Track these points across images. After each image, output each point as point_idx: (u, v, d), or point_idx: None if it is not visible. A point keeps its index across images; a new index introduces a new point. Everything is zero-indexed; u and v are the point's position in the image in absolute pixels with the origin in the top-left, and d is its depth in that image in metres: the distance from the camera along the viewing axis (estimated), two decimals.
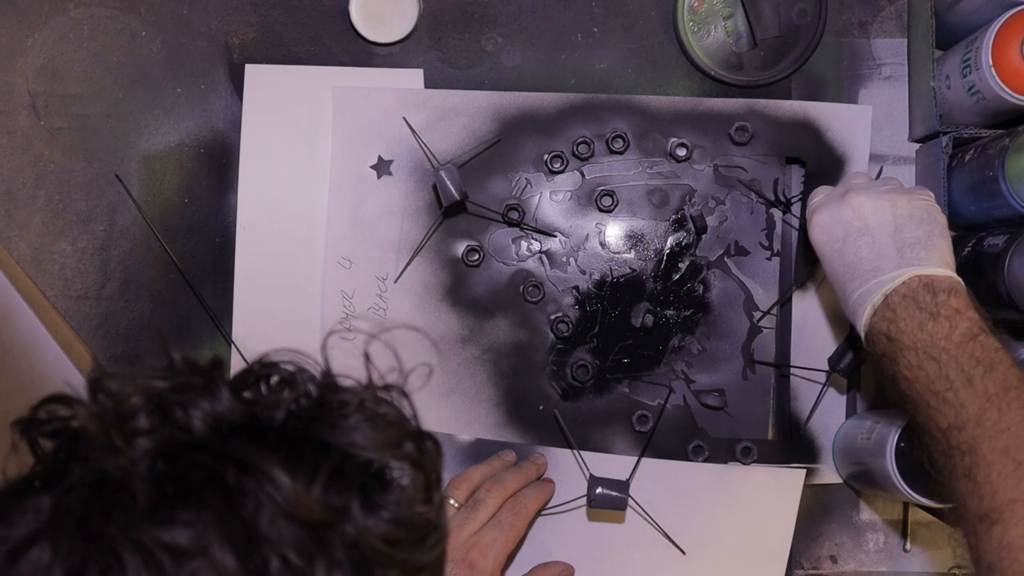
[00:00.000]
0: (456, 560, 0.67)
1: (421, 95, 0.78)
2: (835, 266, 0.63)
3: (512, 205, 0.77)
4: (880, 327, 0.59)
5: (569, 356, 0.78)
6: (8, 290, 0.76)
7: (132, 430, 0.38)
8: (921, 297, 0.58)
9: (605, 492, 0.72)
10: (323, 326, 0.77)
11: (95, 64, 0.78)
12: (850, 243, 0.61)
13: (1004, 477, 0.52)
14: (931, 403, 0.56)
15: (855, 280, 0.61)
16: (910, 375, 0.57)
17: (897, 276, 0.59)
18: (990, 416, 0.54)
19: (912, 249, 0.60)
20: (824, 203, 0.64)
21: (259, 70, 0.78)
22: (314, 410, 0.41)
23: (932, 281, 0.58)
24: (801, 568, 0.78)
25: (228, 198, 0.78)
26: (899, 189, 0.64)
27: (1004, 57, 0.67)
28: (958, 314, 0.57)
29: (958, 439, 0.54)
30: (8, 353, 0.76)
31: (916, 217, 0.61)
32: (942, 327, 0.57)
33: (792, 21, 0.77)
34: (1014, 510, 0.51)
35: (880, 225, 0.61)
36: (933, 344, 0.56)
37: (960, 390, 0.55)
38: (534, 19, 0.79)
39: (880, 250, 0.60)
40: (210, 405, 0.39)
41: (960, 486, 0.54)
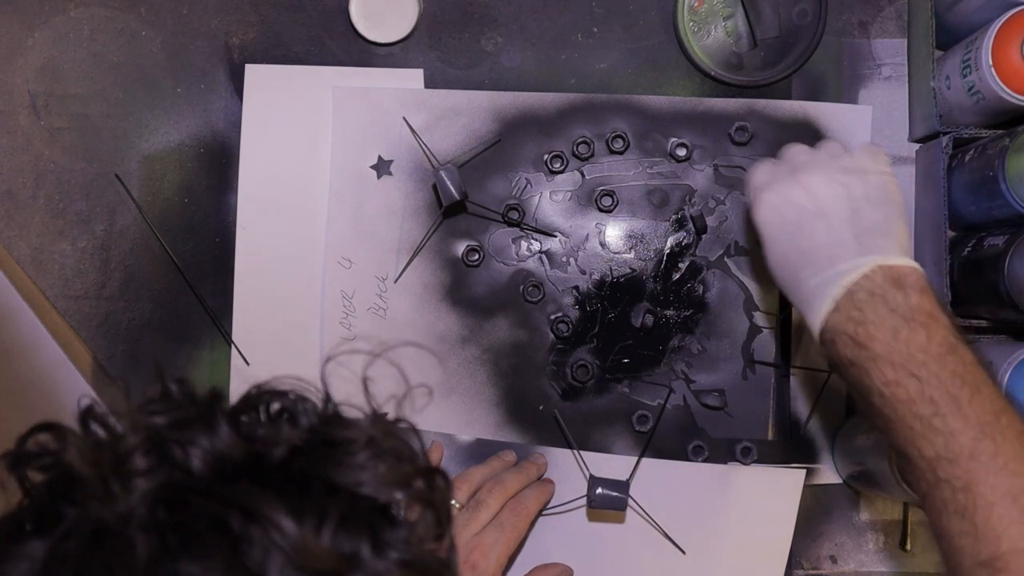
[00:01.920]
0: None
1: (421, 95, 0.78)
2: (786, 251, 0.57)
3: (512, 205, 0.77)
4: (846, 328, 0.53)
5: (569, 356, 0.78)
6: (8, 290, 0.76)
7: (129, 471, 0.36)
8: (891, 296, 0.53)
9: (605, 492, 0.72)
10: (323, 326, 0.77)
11: (95, 64, 0.78)
12: (804, 227, 0.56)
13: (1009, 523, 0.48)
14: (914, 427, 0.51)
15: (810, 267, 0.56)
16: (887, 391, 0.52)
17: (858, 267, 0.54)
18: (985, 448, 0.49)
19: (871, 236, 0.55)
20: (772, 181, 0.58)
21: (259, 70, 0.78)
22: (319, 447, 0.39)
23: (898, 275, 0.53)
24: (801, 568, 0.78)
25: (228, 198, 0.78)
26: (852, 165, 0.58)
27: (1004, 57, 0.67)
28: (933, 320, 0.52)
29: (949, 473, 0.50)
30: (8, 353, 0.76)
31: (873, 199, 0.56)
32: (918, 336, 0.51)
33: (792, 21, 0.77)
34: (1021, 561, 0.48)
35: (835, 208, 0.56)
36: (911, 356, 0.51)
37: (948, 416, 0.50)
38: (534, 19, 0.79)
39: (837, 236, 0.55)
40: (209, 443, 0.37)
41: (951, 524, 0.50)
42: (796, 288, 0.57)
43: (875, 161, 0.58)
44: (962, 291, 0.72)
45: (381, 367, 0.45)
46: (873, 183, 0.57)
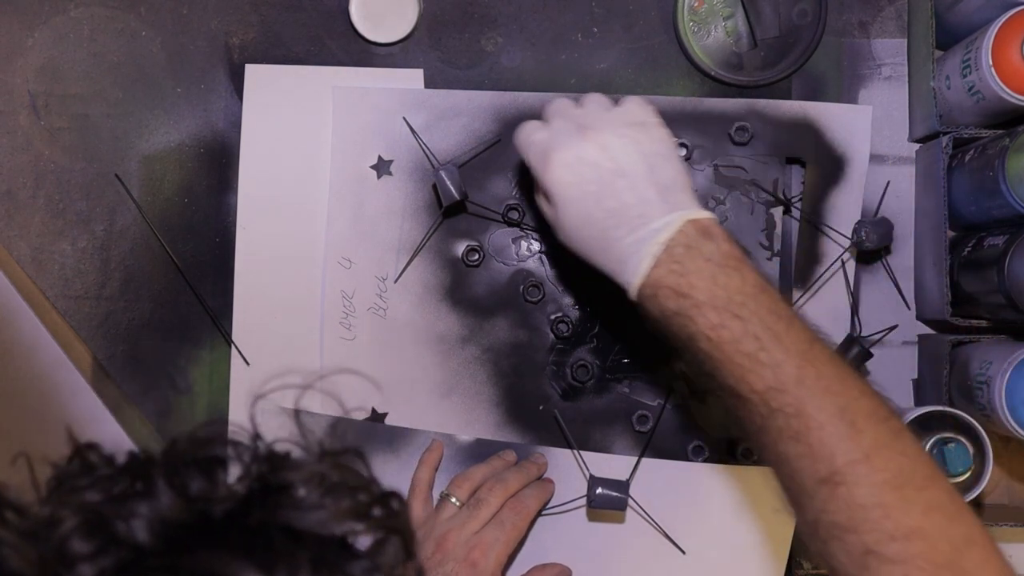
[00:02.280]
0: (458, 559, 0.67)
1: (421, 95, 0.78)
2: (590, 210, 0.57)
3: (512, 205, 0.77)
4: (667, 281, 0.55)
5: (569, 356, 0.78)
6: (8, 290, 0.76)
7: (72, 559, 0.33)
8: (704, 246, 0.55)
9: (605, 492, 0.72)
10: (323, 326, 0.77)
11: (95, 64, 0.78)
12: (606, 186, 0.56)
13: (839, 439, 0.51)
14: (743, 364, 0.53)
15: (622, 227, 0.56)
16: (713, 335, 0.54)
17: (670, 223, 0.55)
18: (808, 374, 0.52)
19: (673, 192, 0.57)
20: (560, 141, 0.58)
21: (259, 70, 0.78)
22: (270, 494, 0.36)
23: (704, 227, 0.55)
24: (801, 568, 0.78)
25: (228, 198, 0.78)
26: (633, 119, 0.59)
27: (1004, 57, 0.67)
28: (743, 264, 0.55)
29: (780, 401, 0.52)
30: (8, 353, 0.76)
31: (662, 154, 0.58)
32: (734, 280, 0.54)
33: (792, 21, 0.78)
34: (856, 470, 0.51)
35: (633, 166, 0.57)
36: (730, 299, 0.54)
37: (772, 348, 0.53)
38: (534, 19, 0.79)
39: (642, 194, 0.56)
40: (151, 510, 0.34)
41: (787, 449, 0.53)
42: (606, 248, 0.57)
43: (647, 112, 0.60)
44: (962, 291, 0.72)
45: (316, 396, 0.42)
46: (656, 136, 0.59)
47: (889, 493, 0.51)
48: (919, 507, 0.51)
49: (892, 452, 0.52)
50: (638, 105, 0.60)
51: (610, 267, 0.58)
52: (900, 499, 0.51)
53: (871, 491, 0.51)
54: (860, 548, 0.51)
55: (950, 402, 0.73)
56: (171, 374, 0.78)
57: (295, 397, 0.43)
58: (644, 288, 0.56)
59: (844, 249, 0.76)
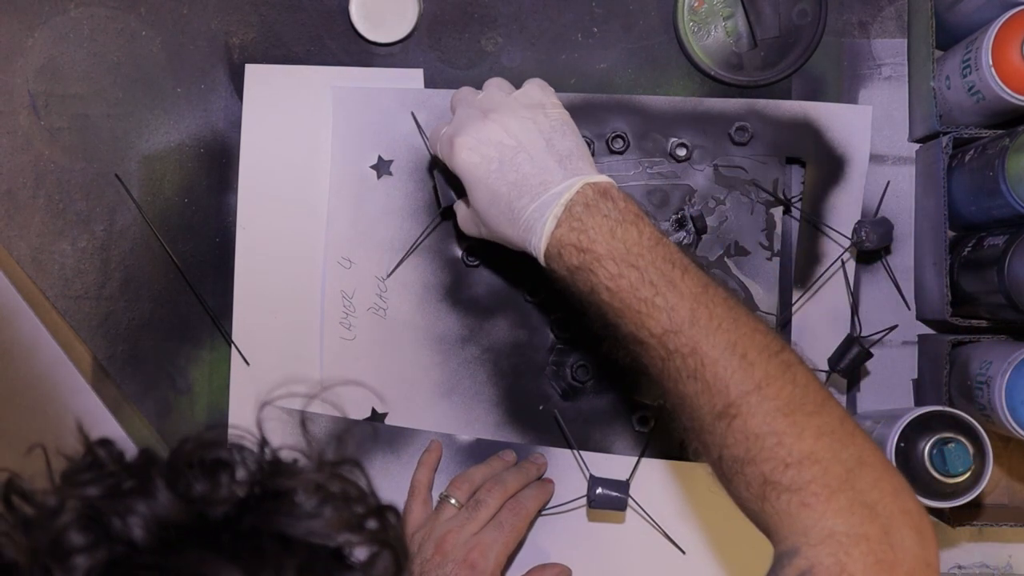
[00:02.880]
0: (457, 560, 0.67)
1: (421, 95, 0.78)
2: (495, 186, 0.60)
3: None
4: (569, 238, 0.58)
5: (569, 356, 0.78)
6: (8, 290, 0.76)
7: (66, 551, 0.34)
8: (602, 205, 0.58)
9: (605, 492, 0.72)
10: (323, 326, 0.77)
11: (95, 64, 0.78)
12: (508, 161, 0.60)
13: (732, 372, 0.53)
14: (640, 310, 0.56)
15: (525, 196, 0.59)
16: (612, 284, 0.56)
17: (570, 185, 0.58)
18: (702, 315, 0.55)
19: (570, 160, 0.60)
20: (463, 127, 0.62)
21: (259, 70, 0.78)
22: (265, 499, 0.37)
23: (603, 188, 0.59)
24: None
25: (228, 198, 0.78)
26: (531, 101, 0.62)
27: (1004, 57, 0.67)
28: (640, 219, 0.58)
29: (676, 342, 0.55)
30: (8, 353, 0.76)
31: (559, 130, 0.61)
32: (631, 233, 0.57)
33: (792, 21, 0.77)
34: (749, 401, 0.53)
35: (532, 141, 0.60)
36: (628, 250, 0.56)
37: (667, 293, 0.55)
38: (534, 19, 0.79)
39: (541, 164, 0.59)
40: (149, 509, 0.35)
41: (687, 388, 0.55)
42: (513, 219, 0.60)
43: (546, 94, 0.63)
44: (962, 291, 0.72)
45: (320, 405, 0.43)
46: (553, 115, 0.62)
47: (781, 420, 0.52)
48: (811, 432, 0.52)
49: (783, 382, 0.53)
50: (537, 88, 0.64)
51: (520, 237, 0.61)
52: (791, 424, 0.52)
53: (764, 419, 0.52)
54: (759, 479, 0.52)
55: (950, 402, 0.73)
56: (171, 374, 0.78)
57: (301, 405, 0.43)
58: (549, 248, 0.59)
59: (844, 249, 0.76)
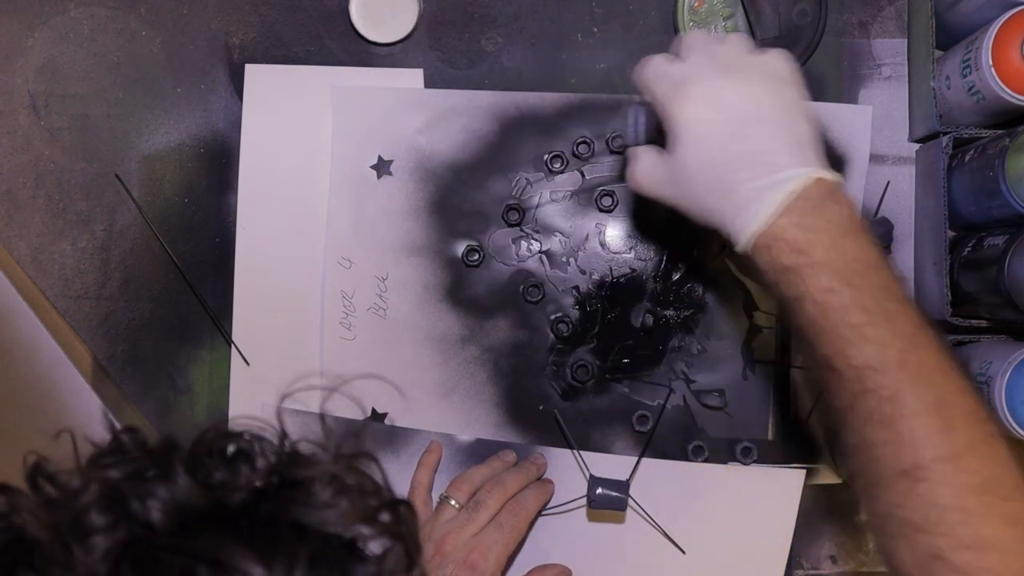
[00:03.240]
0: (457, 561, 0.67)
1: (421, 95, 0.78)
2: (716, 153, 0.54)
3: (512, 205, 0.77)
4: (787, 234, 0.52)
5: (569, 356, 0.78)
6: (8, 290, 0.76)
7: (86, 530, 0.35)
8: (828, 207, 0.52)
9: (605, 492, 0.72)
10: (323, 326, 0.77)
11: (95, 64, 0.78)
12: (741, 129, 0.53)
13: (932, 432, 0.49)
14: (846, 336, 0.50)
15: (746, 171, 0.53)
16: (822, 299, 0.51)
17: (799, 176, 0.52)
18: (912, 360, 0.50)
19: (805, 147, 0.54)
20: (700, 75, 0.54)
21: (259, 70, 0.78)
22: (283, 488, 0.38)
23: (832, 188, 0.53)
24: (801, 568, 0.78)
25: (228, 198, 0.78)
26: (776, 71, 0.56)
27: (1004, 57, 0.67)
28: (863, 234, 0.52)
29: (876, 382, 0.50)
30: (8, 353, 0.76)
31: (799, 112, 0.55)
32: (852, 247, 0.51)
33: (792, 21, 0.77)
34: (943, 469, 0.48)
35: (773, 114, 0.54)
36: (847, 265, 0.51)
37: (880, 326, 0.50)
38: (534, 19, 0.79)
39: (775, 143, 0.53)
40: (168, 493, 0.36)
41: (874, 433, 0.50)
42: (724, 191, 0.54)
43: (792, 71, 0.57)
44: (962, 291, 0.72)
45: (339, 399, 0.44)
46: (796, 92, 0.56)
47: (972, 497, 0.48)
48: (1000, 518, 0.48)
49: (983, 456, 0.49)
50: (783, 61, 0.57)
51: (724, 212, 0.54)
52: (982, 505, 0.48)
53: (953, 492, 0.48)
54: (928, 551, 0.48)
55: None
56: (171, 374, 0.78)
57: (320, 399, 0.43)
58: (761, 237, 0.53)
59: None
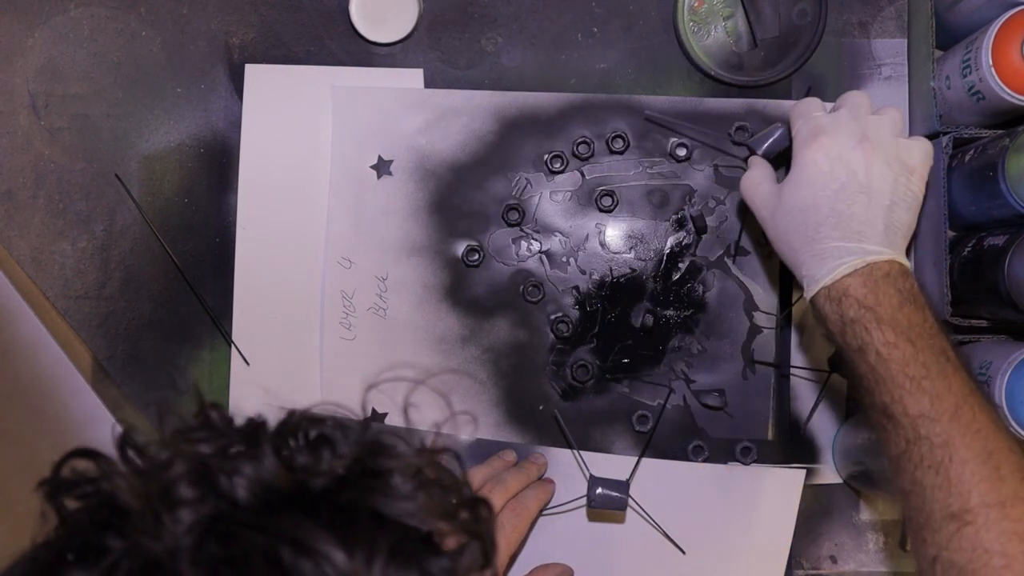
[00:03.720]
0: None
1: (421, 95, 0.78)
2: (819, 202, 0.60)
3: (512, 205, 0.77)
4: (856, 291, 0.58)
5: (569, 356, 0.78)
6: (8, 290, 0.76)
7: (175, 501, 0.36)
8: (899, 281, 0.58)
9: (605, 492, 0.72)
10: (323, 326, 0.77)
11: (95, 64, 0.78)
12: (847, 192, 0.59)
13: (980, 479, 0.53)
14: (904, 386, 0.55)
15: (839, 229, 0.59)
16: (885, 352, 0.56)
17: (882, 252, 0.58)
18: (965, 413, 0.54)
19: (896, 233, 0.60)
20: (837, 133, 0.60)
21: (259, 70, 0.78)
22: (364, 477, 0.39)
23: (906, 270, 0.59)
24: (801, 568, 0.78)
25: (228, 198, 0.78)
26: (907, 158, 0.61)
27: (1004, 57, 0.67)
28: (927, 308, 0.58)
29: (930, 430, 0.54)
30: (8, 353, 0.76)
31: (907, 204, 0.61)
32: (917, 315, 0.57)
33: (792, 21, 0.77)
34: (989, 514, 0.52)
35: (880, 193, 0.59)
36: (910, 327, 0.56)
37: (936, 380, 0.55)
38: (534, 19, 0.79)
39: (872, 217, 0.59)
40: (255, 472, 0.37)
41: (925, 478, 0.54)
42: (811, 239, 0.60)
43: (925, 163, 0.62)
44: (962, 291, 0.72)
45: (422, 391, 0.44)
46: (915, 185, 0.61)
47: (1016, 544, 0.51)
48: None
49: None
50: (921, 152, 0.62)
51: (802, 257, 0.60)
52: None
53: (999, 537, 0.51)
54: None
55: None
56: (171, 374, 0.78)
57: (405, 391, 0.44)
58: (832, 290, 0.58)
59: None
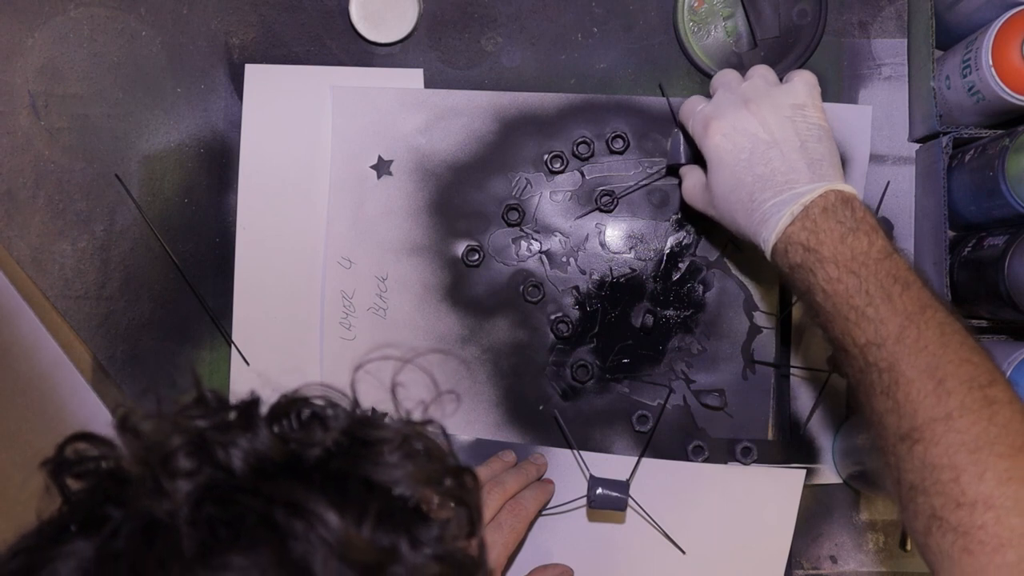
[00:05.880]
0: None
1: (421, 95, 0.78)
2: (740, 175, 0.61)
3: (512, 205, 0.77)
4: (798, 237, 0.58)
5: (569, 356, 0.78)
6: (8, 290, 0.76)
7: (173, 471, 0.37)
8: (840, 212, 0.58)
9: (605, 492, 0.72)
10: (323, 326, 0.77)
11: (95, 64, 0.78)
12: (759, 154, 0.61)
13: (925, 396, 0.52)
14: (849, 318, 0.55)
15: (768, 190, 0.60)
16: (828, 288, 0.56)
17: (814, 189, 0.59)
18: (910, 334, 0.53)
19: (820, 166, 0.60)
20: (722, 112, 0.62)
21: (259, 70, 0.78)
22: (355, 447, 0.40)
23: (846, 196, 0.59)
24: (801, 568, 0.78)
25: (228, 198, 0.78)
26: (795, 100, 0.62)
27: (1004, 57, 0.67)
28: (874, 231, 0.57)
29: (876, 356, 0.54)
30: (8, 353, 0.76)
31: (815, 134, 0.61)
32: (861, 242, 0.57)
33: (792, 21, 0.77)
34: (935, 429, 0.51)
35: (786, 140, 0.60)
36: (853, 258, 0.56)
37: (880, 306, 0.55)
38: (534, 19, 0.79)
39: (791, 164, 0.60)
40: (250, 444, 0.39)
41: (878, 404, 0.54)
42: (750, 209, 0.61)
43: (812, 95, 0.63)
44: (962, 291, 0.72)
45: (409, 372, 0.46)
46: (812, 118, 0.62)
47: (964, 455, 0.50)
48: (994, 475, 0.49)
49: (977, 416, 0.50)
50: (803, 86, 0.63)
51: (751, 228, 0.61)
52: (974, 463, 0.49)
53: (945, 451, 0.50)
54: (927, 511, 0.50)
55: None
56: (171, 374, 0.78)
57: (393, 371, 0.46)
58: (778, 243, 0.59)
59: None
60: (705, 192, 0.65)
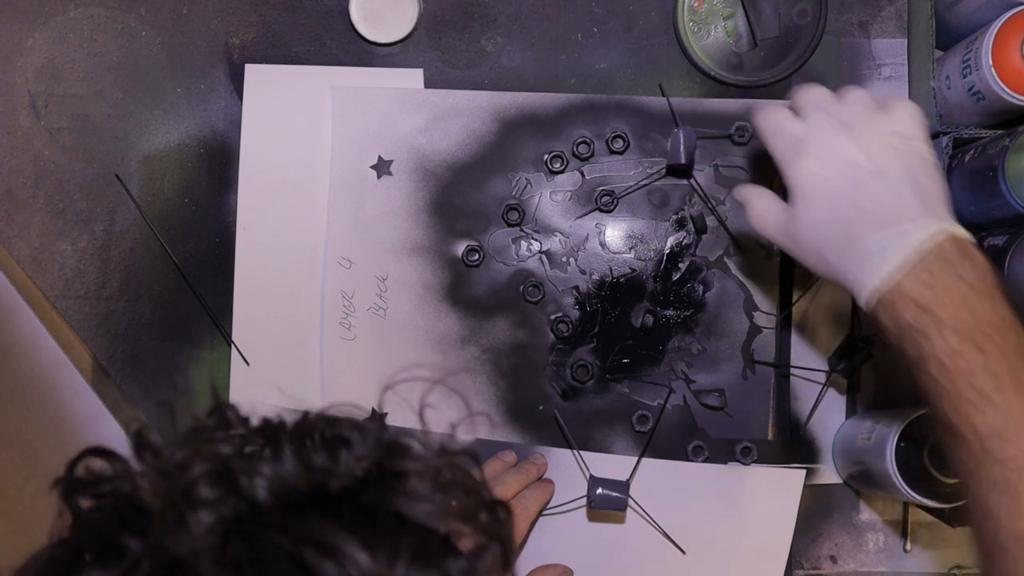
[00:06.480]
0: None
1: (421, 95, 0.78)
2: (837, 207, 0.53)
3: (512, 205, 0.77)
4: (912, 290, 0.50)
5: (569, 356, 0.78)
6: (8, 290, 0.76)
7: (195, 502, 0.35)
8: (959, 264, 0.50)
9: (605, 492, 0.72)
10: (323, 326, 0.77)
11: (95, 64, 0.78)
12: (861, 184, 0.53)
13: None
14: (972, 400, 0.48)
15: (869, 224, 0.52)
16: (948, 361, 0.49)
17: (926, 228, 0.51)
18: None
19: (931, 200, 0.53)
20: (818, 133, 0.55)
21: (259, 70, 0.78)
22: (384, 479, 0.38)
23: (964, 244, 0.51)
24: (801, 568, 0.78)
25: (228, 198, 0.78)
26: (897, 128, 0.55)
27: (1004, 57, 0.67)
28: (997, 291, 0.50)
29: (1002, 452, 0.48)
30: (8, 353, 0.76)
31: (922, 166, 0.54)
32: (984, 308, 0.49)
33: (792, 21, 0.77)
34: None
35: (892, 169, 0.53)
36: (976, 328, 0.49)
37: (1008, 393, 0.48)
38: (534, 19, 0.79)
39: (899, 196, 0.52)
40: (275, 472, 0.37)
41: (994, 501, 0.48)
42: (844, 247, 0.53)
43: (916, 127, 0.56)
44: None
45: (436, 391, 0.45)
46: (919, 149, 0.55)
47: None
48: None
49: None
50: (908, 116, 0.56)
51: (842, 265, 0.54)
52: None
53: None
54: None
55: None
56: (171, 374, 0.78)
57: (422, 391, 0.44)
58: (885, 294, 0.51)
59: None
60: (781, 219, 0.57)
